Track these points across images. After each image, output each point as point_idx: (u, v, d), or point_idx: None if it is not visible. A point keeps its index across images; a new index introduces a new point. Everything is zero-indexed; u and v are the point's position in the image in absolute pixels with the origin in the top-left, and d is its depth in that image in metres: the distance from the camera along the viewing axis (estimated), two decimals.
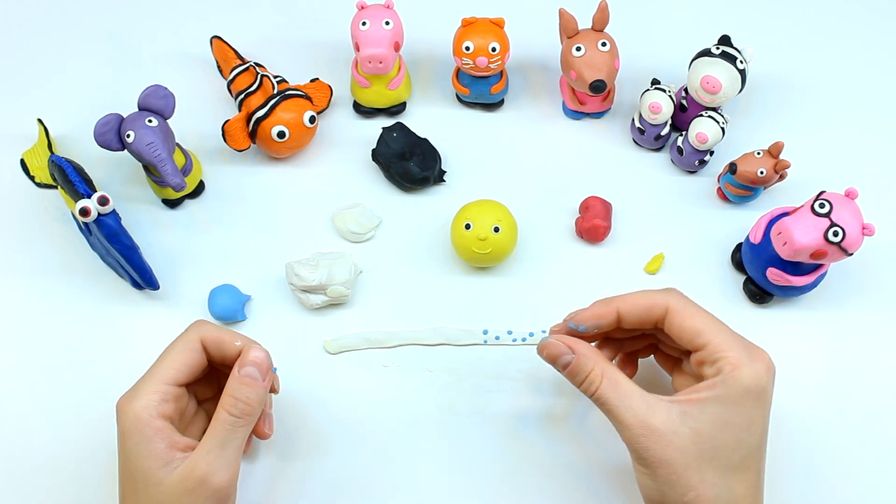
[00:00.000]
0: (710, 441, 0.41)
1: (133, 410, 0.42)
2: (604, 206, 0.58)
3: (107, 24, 0.68)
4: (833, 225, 0.48)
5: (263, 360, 0.44)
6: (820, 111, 0.64)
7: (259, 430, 0.48)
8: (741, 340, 0.43)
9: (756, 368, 0.41)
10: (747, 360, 0.42)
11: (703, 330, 0.43)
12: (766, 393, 0.42)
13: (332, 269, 0.54)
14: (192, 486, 0.41)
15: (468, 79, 0.61)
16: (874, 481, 0.51)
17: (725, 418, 0.41)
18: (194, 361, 0.45)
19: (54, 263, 0.57)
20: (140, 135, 0.53)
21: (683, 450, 0.41)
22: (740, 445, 0.41)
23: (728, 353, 0.42)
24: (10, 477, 0.51)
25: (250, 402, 0.43)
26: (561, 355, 0.44)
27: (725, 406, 0.41)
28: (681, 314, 0.44)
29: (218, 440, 0.42)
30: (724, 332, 0.43)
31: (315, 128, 0.60)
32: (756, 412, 0.42)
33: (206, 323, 0.47)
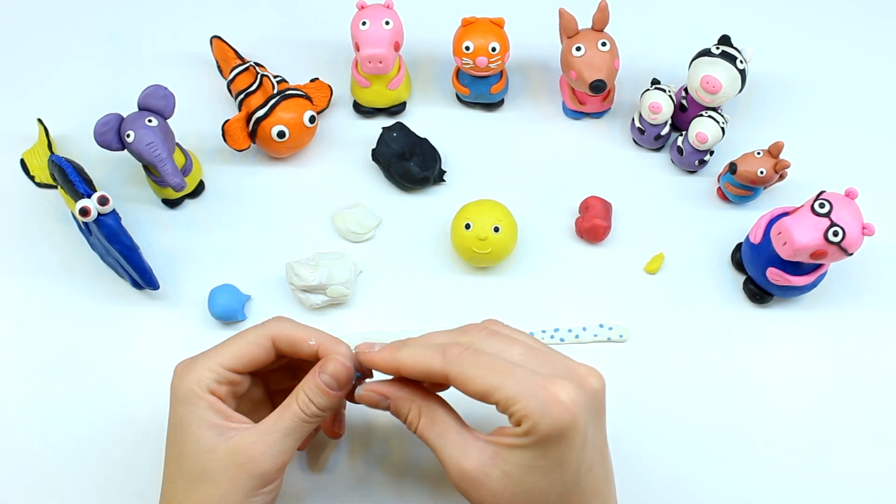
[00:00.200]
0: (521, 485, 0.40)
1: (187, 382, 0.43)
2: (604, 206, 0.58)
3: (107, 24, 0.68)
4: (833, 225, 0.48)
5: (344, 376, 0.44)
6: (820, 111, 0.64)
7: (330, 430, 0.49)
8: (531, 383, 0.39)
9: (552, 414, 0.39)
10: (539, 408, 0.39)
11: (487, 391, 0.40)
12: (568, 432, 0.39)
13: (332, 269, 0.54)
14: (244, 460, 0.41)
15: (468, 79, 0.61)
16: (874, 481, 0.51)
17: (531, 463, 0.40)
18: (257, 356, 0.45)
19: (54, 263, 0.57)
20: (140, 135, 0.53)
21: (495, 493, 0.40)
22: (552, 485, 0.40)
23: (517, 406, 0.39)
24: (10, 476, 0.51)
25: (323, 407, 0.43)
26: (377, 403, 0.44)
27: (530, 451, 0.40)
28: (459, 381, 0.41)
29: (282, 427, 0.42)
30: (508, 384, 0.40)
31: (315, 128, 0.60)
32: (561, 452, 0.39)
33: (285, 320, 0.46)
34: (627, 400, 0.53)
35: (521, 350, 0.42)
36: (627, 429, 0.52)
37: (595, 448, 0.41)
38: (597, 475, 0.41)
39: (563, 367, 0.41)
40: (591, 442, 0.41)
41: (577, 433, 0.39)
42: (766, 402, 0.53)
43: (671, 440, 0.52)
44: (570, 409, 0.39)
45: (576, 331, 0.55)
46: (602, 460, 0.42)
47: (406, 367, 0.43)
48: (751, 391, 0.54)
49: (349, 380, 0.44)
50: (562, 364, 0.42)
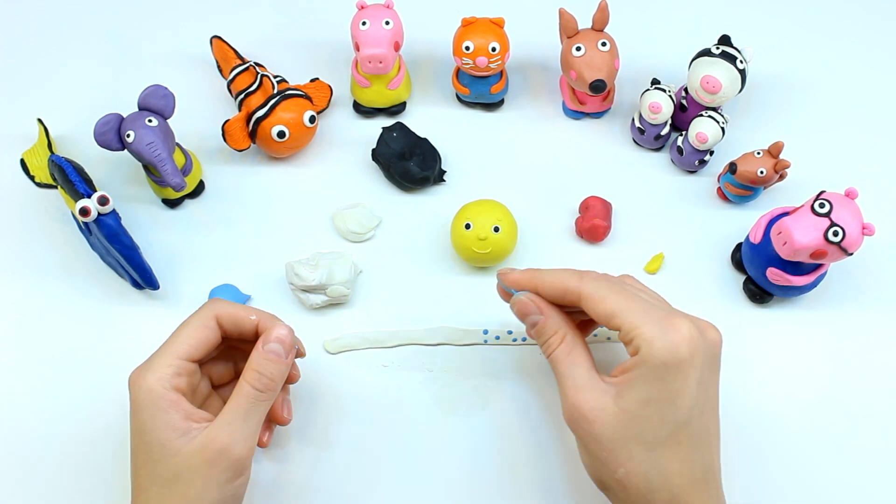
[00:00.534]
0: (635, 419, 0.41)
1: (146, 383, 0.43)
2: (604, 206, 0.58)
3: (107, 24, 0.68)
4: (833, 225, 0.48)
5: (287, 337, 0.45)
6: (820, 111, 0.64)
7: (278, 416, 0.49)
8: (656, 314, 0.42)
9: (670, 340, 0.40)
10: (660, 333, 0.40)
11: (614, 311, 0.42)
12: (685, 364, 0.40)
13: (332, 269, 0.54)
14: (211, 455, 0.42)
15: (468, 79, 0.61)
16: (874, 481, 0.51)
17: (647, 395, 0.41)
18: (208, 338, 0.45)
19: (54, 263, 0.57)
20: (140, 135, 0.53)
21: (610, 426, 0.41)
22: (665, 421, 0.41)
23: (639, 329, 0.41)
24: (10, 476, 0.51)
25: (274, 377, 0.44)
26: (530, 314, 0.46)
27: (646, 383, 0.41)
28: (592, 300, 0.43)
29: (240, 412, 0.43)
30: (635, 310, 0.42)
31: (315, 128, 0.60)
32: (677, 385, 0.40)
33: (222, 301, 0.47)
34: None
35: (650, 295, 0.45)
36: None
37: (708, 395, 0.42)
38: (706, 424, 0.42)
39: (684, 316, 0.43)
40: (705, 385, 0.42)
41: (693, 368, 0.40)
42: (766, 401, 0.53)
43: None
44: (688, 341, 0.40)
45: None
46: (713, 412, 0.43)
47: (545, 284, 0.45)
48: (751, 391, 0.54)
49: (292, 344, 0.45)
50: (684, 314, 0.43)
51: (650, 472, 0.41)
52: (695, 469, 0.41)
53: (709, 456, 0.43)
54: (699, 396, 0.41)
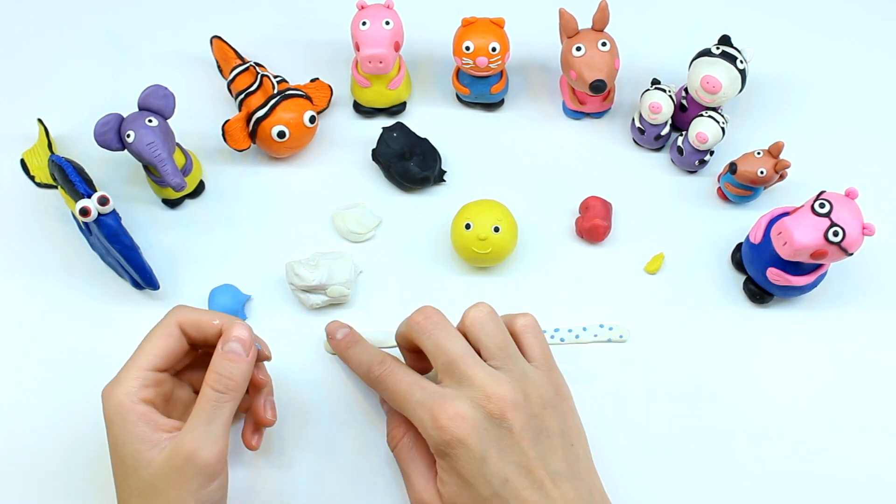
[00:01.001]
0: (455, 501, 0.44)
1: (115, 398, 0.43)
2: (604, 206, 0.58)
3: (107, 24, 0.68)
4: (833, 225, 0.48)
5: (246, 336, 0.45)
6: (820, 111, 0.64)
7: (260, 417, 0.48)
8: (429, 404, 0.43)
9: (437, 429, 0.42)
10: (430, 427, 0.43)
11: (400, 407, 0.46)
12: (460, 449, 0.42)
13: (332, 269, 0.54)
14: (179, 463, 0.42)
15: (468, 79, 0.61)
16: (874, 481, 0.51)
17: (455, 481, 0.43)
18: (172, 346, 0.45)
19: (54, 263, 0.57)
20: (140, 135, 0.53)
21: None
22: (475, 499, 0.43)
23: (419, 426, 0.44)
24: (9, 476, 0.51)
25: (234, 377, 0.44)
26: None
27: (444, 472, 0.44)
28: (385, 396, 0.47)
29: (203, 416, 0.43)
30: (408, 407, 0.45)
31: (315, 128, 0.60)
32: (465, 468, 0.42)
33: (184, 307, 0.47)
34: (627, 400, 0.53)
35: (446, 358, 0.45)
36: (627, 429, 0.52)
37: (505, 461, 0.43)
38: (518, 485, 0.42)
39: (470, 384, 0.44)
40: (495, 457, 0.42)
41: (470, 450, 0.42)
42: (767, 401, 0.53)
43: (671, 440, 0.52)
44: (450, 428, 0.42)
45: (576, 331, 0.55)
46: (524, 471, 0.43)
47: (351, 366, 0.51)
48: (751, 391, 0.54)
49: (251, 342, 0.45)
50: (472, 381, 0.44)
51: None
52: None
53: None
54: (493, 469, 0.42)
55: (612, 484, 0.50)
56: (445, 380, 0.45)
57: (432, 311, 0.47)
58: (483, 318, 0.47)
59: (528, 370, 0.46)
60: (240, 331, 0.45)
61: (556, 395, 0.46)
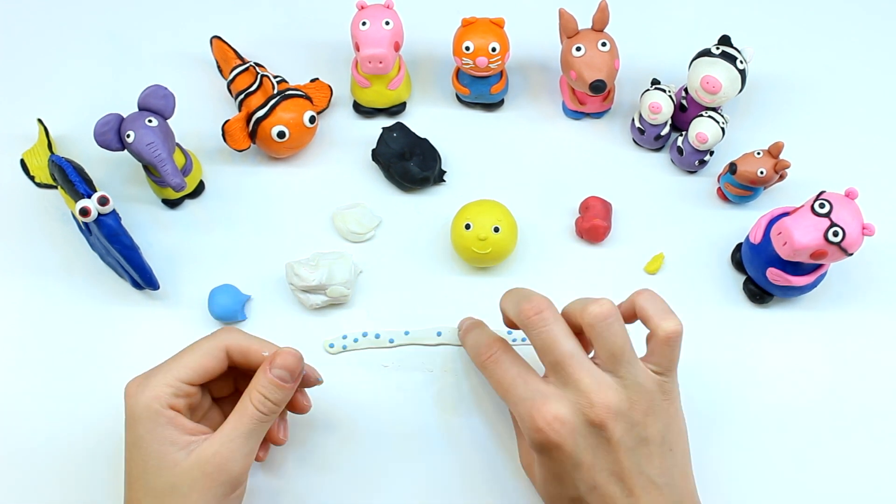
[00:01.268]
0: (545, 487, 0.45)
1: (144, 399, 0.43)
2: (604, 206, 0.58)
3: (107, 24, 0.68)
4: (833, 225, 0.48)
5: (295, 367, 0.45)
6: (820, 111, 0.64)
7: (274, 437, 0.49)
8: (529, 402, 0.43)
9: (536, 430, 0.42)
10: (525, 424, 0.43)
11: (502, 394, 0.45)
12: (555, 452, 0.42)
13: (332, 269, 0.54)
14: (210, 469, 0.42)
15: (468, 79, 0.61)
16: (874, 480, 0.51)
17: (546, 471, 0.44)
18: (213, 367, 0.45)
19: (54, 263, 0.57)
20: (140, 135, 0.53)
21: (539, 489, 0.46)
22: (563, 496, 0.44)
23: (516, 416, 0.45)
24: (9, 475, 0.51)
25: (279, 402, 0.45)
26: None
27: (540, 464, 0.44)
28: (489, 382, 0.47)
29: (243, 431, 0.43)
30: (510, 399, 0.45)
31: (315, 128, 0.60)
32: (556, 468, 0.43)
33: (236, 331, 0.47)
34: None
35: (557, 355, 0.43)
36: None
37: (597, 469, 0.42)
38: (607, 493, 0.43)
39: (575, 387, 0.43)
40: (587, 464, 0.42)
41: (563, 454, 0.42)
42: (766, 401, 0.53)
43: None
44: (546, 431, 0.42)
45: None
46: (616, 479, 0.43)
47: (469, 352, 0.50)
48: (751, 391, 0.54)
49: (299, 370, 0.45)
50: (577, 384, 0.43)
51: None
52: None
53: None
54: (583, 476, 0.42)
55: None
56: (552, 376, 0.44)
57: (544, 305, 0.44)
58: (607, 319, 0.43)
59: (640, 376, 0.43)
60: (287, 360, 0.45)
61: (663, 399, 0.44)
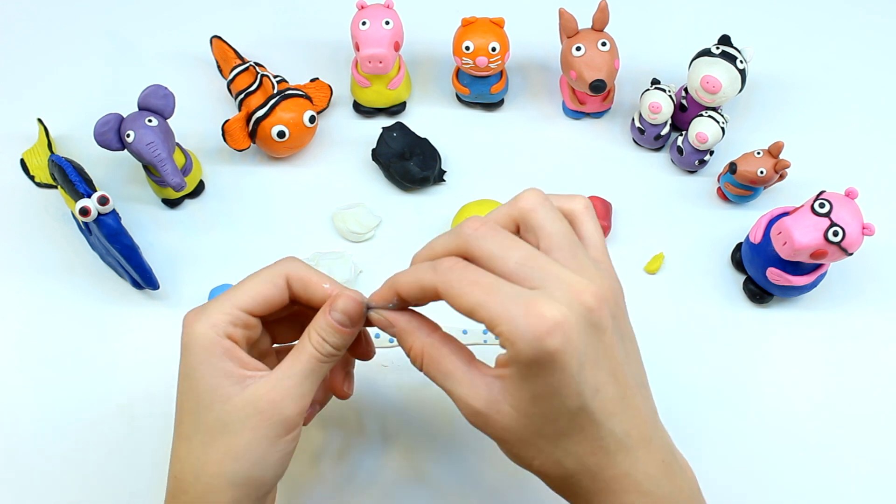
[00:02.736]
0: (529, 417, 0.38)
1: (200, 328, 0.40)
2: (604, 206, 0.58)
3: (106, 24, 0.68)
4: (833, 225, 0.48)
5: (356, 311, 0.42)
6: (820, 111, 0.64)
7: (339, 390, 0.46)
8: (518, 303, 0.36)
9: (533, 336, 0.36)
10: (522, 330, 0.36)
11: (473, 307, 0.37)
12: (556, 355, 0.36)
13: (332, 269, 0.54)
14: (264, 407, 0.40)
15: (468, 78, 0.61)
16: (874, 481, 0.51)
17: (531, 393, 0.37)
18: (273, 295, 0.43)
19: (54, 263, 0.57)
20: (140, 134, 0.53)
21: (509, 428, 0.39)
22: (559, 414, 0.38)
23: (501, 327, 0.37)
24: (9, 475, 0.51)
25: (337, 346, 0.42)
26: (385, 328, 0.43)
27: (525, 381, 0.37)
28: (449, 296, 0.38)
29: (300, 370, 0.41)
30: (494, 303, 0.37)
31: (315, 128, 0.60)
32: (558, 377, 0.36)
33: (297, 260, 0.44)
34: None
35: (518, 256, 0.38)
36: None
37: (599, 368, 0.38)
38: (608, 395, 0.38)
39: (556, 281, 0.37)
40: (590, 362, 0.37)
41: (570, 356, 0.36)
42: (766, 401, 0.53)
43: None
44: (555, 331, 0.36)
45: None
46: (613, 379, 0.38)
47: (403, 288, 0.41)
48: (750, 391, 0.54)
49: (360, 317, 0.42)
50: (557, 277, 0.37)
51: (562, 459, 0.39)
52: (608, 441, 0.39)
53: (624, 420, 0.39)
54: (586, 376, 0.37)
55: None
56: (522, 279, 0.37)
57: (482, 217, 0.40)
58: (541, 206, 0.40)
59: (594, 263, 0.39)
60: (348, 304, 0.42)
61: (621, 291, 0.41)
